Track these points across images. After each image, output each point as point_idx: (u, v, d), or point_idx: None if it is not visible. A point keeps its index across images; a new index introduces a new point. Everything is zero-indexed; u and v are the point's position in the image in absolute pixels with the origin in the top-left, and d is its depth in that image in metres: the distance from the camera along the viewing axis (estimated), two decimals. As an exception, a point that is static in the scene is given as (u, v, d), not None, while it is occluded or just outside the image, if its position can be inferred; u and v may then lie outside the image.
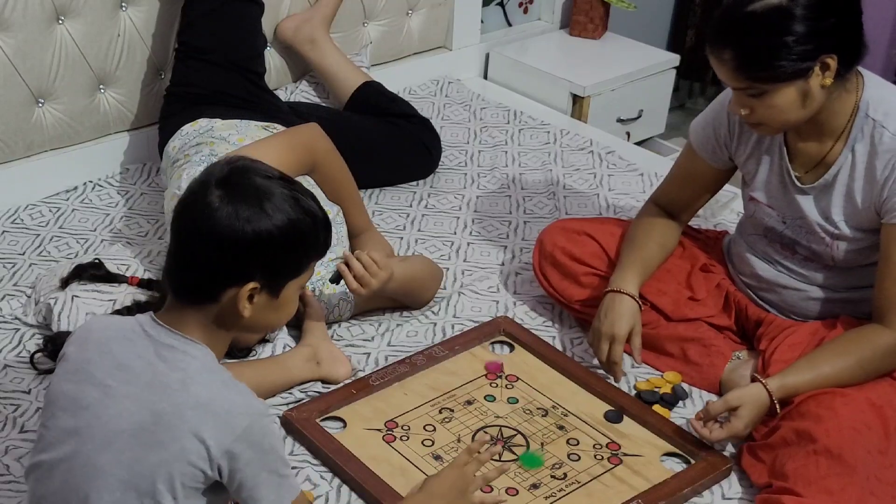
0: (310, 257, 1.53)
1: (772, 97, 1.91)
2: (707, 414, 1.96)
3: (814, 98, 1.92)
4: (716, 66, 1.95)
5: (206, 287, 1.47)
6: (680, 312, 2.24)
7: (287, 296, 1.53)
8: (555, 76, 3.49)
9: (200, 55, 2.67)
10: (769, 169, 2.11)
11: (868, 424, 1.87)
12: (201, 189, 1.47)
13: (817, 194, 2.05)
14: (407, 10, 3.39)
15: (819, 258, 2.11)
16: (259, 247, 1.44)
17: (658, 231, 2.27)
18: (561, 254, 2.32)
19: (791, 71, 1.87)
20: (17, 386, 2.13)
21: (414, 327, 2.35)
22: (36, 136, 2.76)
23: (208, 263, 1.46)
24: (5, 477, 1.91)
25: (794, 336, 2.11)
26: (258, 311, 1.50)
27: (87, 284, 2.26)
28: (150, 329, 1.49)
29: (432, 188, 2.93)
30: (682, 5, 4.23)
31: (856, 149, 1.99)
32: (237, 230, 1.43)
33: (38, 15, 2.64)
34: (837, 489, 1.79)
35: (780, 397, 1.94)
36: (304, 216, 1.49)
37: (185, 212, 1.49)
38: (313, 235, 1.51)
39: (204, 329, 1.50)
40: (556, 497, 1.92)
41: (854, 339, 1.99)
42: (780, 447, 1.89)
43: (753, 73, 1.89)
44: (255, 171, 1.50)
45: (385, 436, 2.04)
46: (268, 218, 1.45)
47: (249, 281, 1.46)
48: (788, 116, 1.94)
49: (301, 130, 2.43)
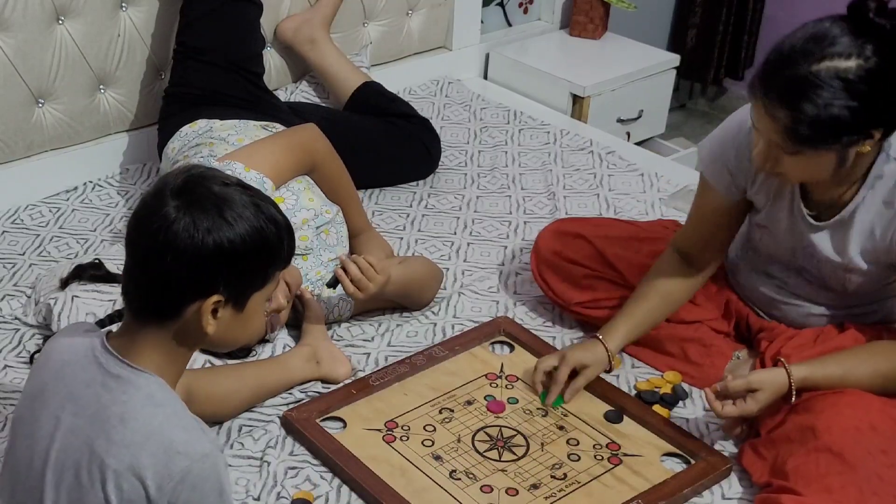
0: (275, 266, 1.46)
1: (808, 159, 1.80)
2: (725, 391, 1.93)
3: (847, 164, 1.83)
4: (759, 115, 1.80)
5: (167, 303, 1.40)
6: (679, 315, 2.24)
7: (252, 309, 1.46)
8: (555, 76, 3.49)
9: (199, 56, 2.67)
10: (779, 205, 2.03)
11: (873, 426, 1.86)
12: (156, 200, 1.39)
13: (833, 231, 1.99)
14: (407, 11, 3.39)
15: (826, 284, 2.08)
16: (222, 258, 1.37)
17: (664, 281, 2.14)
18: (558, 258, 2.32)
19: (840, 142, 1.77)
20: (17, 386, 2.13)
21: (414, 327, 2.35)
22: (36, 136, 2.76)
23: (169, 278, 1.38)
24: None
25: (798, 338, 2.11)
26: (223, 326, 1.43)
27: (87, 284, 2.26)
28: (99, 356, 1.43)
29: (432, 188, 2.93)
30: (683, 5, 4.23)
31: (875, 185, 1.91)
32: (197, 241, 1.36)
33: (38, 15, 2.64)
34: (837, 487, 1.78)
35: (800, 388, 1.92)
36: (266, 223, 1.41)
37: (140, 225, 1.41)
38: (277, 243, 1.44)
39: (160, 350, 1.43)
40: (556, 497, 1.92)
41: (882, 350, 1.97)
42: (781, 444, 1.89)
43: (803, 139, 1.76)
44: (212, 179, 1.42)
45: (385, 436, 2.04)
46: (229, 227, 1.37)
47: (213, 294, 1.39)
48: (815, 178, 1.86)
49: (299, 131, 2.43)
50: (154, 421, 1.37)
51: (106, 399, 1.39)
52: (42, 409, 1.44)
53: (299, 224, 2.27)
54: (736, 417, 1.96)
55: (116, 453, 1.36)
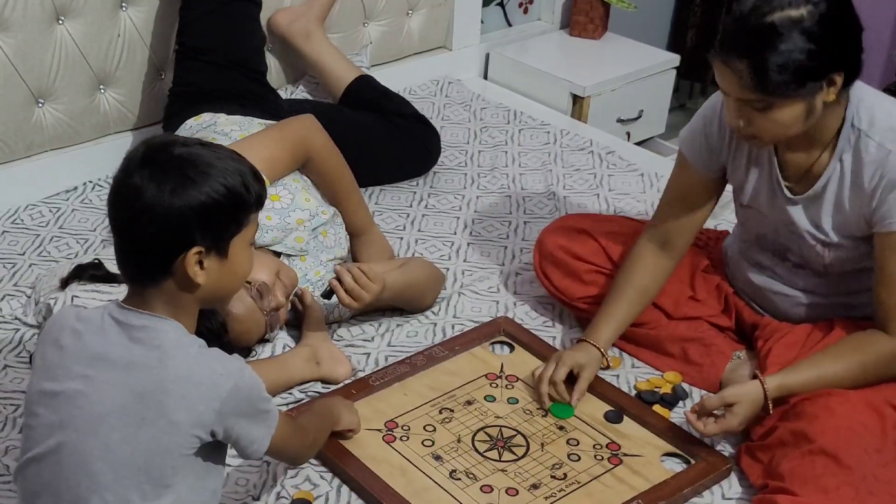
0: (245, 210, 1.53)
1: (778, 112, 1.87)
2: (702, 408, 1.96)
3: (815, 113, 1.89)
4: (723, 75, 1.88)
5: (154, 264, 1.49)
6: (681, 311, 2.24)
7: (236, 253, 1.53)
8: (555, 76, 3.49)
9: (201, 55, 2.67)
10: (759, 178, 2.09)
11: (864, 424, 1.87)
12: (123, 175, 1.49)
13: (807, 204, 2.04)
14: (407, 11, 3.39)
15: (810, 265, 2.11)
16: (191, 212, 1.46)
17: (641, 274, 2.18)
18: (562, 252, 2.32)
19: (804, 87, 1.83)
20: (17, 386, 2.13)
21: (414, 327, 2.35)
22: (36, 136, 2.76)
23: (147, 241, 1.48)
24: (5, 477, 1.91)
25: (789, 336, 2.11)
26: (212, 275, 1.51)
27: (87, 284, 2.26)
28: (118, 315, 1.51)
29: (432, 188, 2.93)
30: (682, 5, 4.23)
31: (843, 159, 1.97)
32: (165, 203, 1.45)
33: (38, 15, 2.64)
34: (833, 488, 1.79)
35: (778, 396, 1.95)
36: (229, 175, 1.49)
37: (114, 200, 1.51)
38: (245, 189, 1.51)
39: (168, 304, 1.51)
40: (556, 497, 1.92)
41: (856, 344, 1.99)
42: (776, 448, 1.89)
43: (768, 88, 1.83)
44: (171, 144, 1.51)
45: (385, 436, 2.04)
46: (193, 184, 1.46)
47: (192, 246, 1.48)
48: (788, 131, 1.91)
49: (294, 122, 2.41)
50: (190, 356, 1.48)
51: (137, 349, 1.48)
52: (65, 376, 1.50)
53: (294, 225, 2.27)
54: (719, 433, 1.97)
55: (166, 389, 1.46)
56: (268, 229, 2.24)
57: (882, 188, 1.93)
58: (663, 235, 2.20)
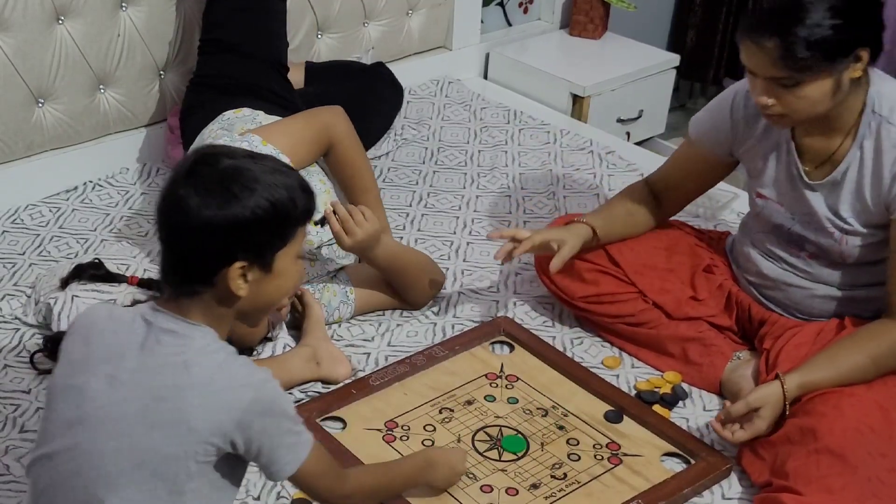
0: (293, 226, 1.52)
1: (806, 88, 1.90)
2: (728, 416, 1.93)
3: (843, 90, 1.92)
4: (752, 53, 1.90)
5: (197, 275, 1.48)
6: (682, 311, 2.24)
7: (281, 267, 1.52)
8: (555, 76, 3.49)
9: (234, 49, 2.66)
10: (776, 165, 2.11)
11: (871, 426, 1.86)
12: (171, 185, 1.48)
13: (827, 191, 2.05)
14: (407, 10, 3.39)
15: (827, 255, 2.10)
16: (234, 228, 1.45)
17: (631, 204, 2.33)
18: None
19: (833, 62, 1.87)
20: (17, 386, 2.13)
21: (414, 327, 2.35)
22: (36, 136, 2.76)
23: (191, 254, 1.47)
24: (5, 477, 1.92)
25: (799, 336, 2.10)
26: (255, 288, 1.50)
27: (87, 284, 2.26)
28: (150, 317, 1.50)
29: (432, 188, 2.93)
30: (682, 5, 4.23)
31: (864, 145, 1.99)
32: (209, 218, 1.44)
33: (38, 15, 2.64)
34: (838, 488, 1.78)
35: (799, 395, 1.93)
36: (275, 190, 1.47)
37: (161, 209, 1.50)
38: (291, 204, 1.49)
39: (204, 312, 1.51)
40: (556, 497, 1.92)
41: (868, 335, 1.98)
42: (781, 445, 1.89)
43: (798, 63, 1.86)
44: (218, 156, 1.50)
45: (385, 436, 2.04)
46: (236, 200, 1.44)
47: (235, 261, 1.46)
48: (817, 108, 1.93)
49: (322, 110, 2.44)
50: (213, 364, 1.47)
51: (163, 352, 1.47)
52: (88, 372, 1.49)
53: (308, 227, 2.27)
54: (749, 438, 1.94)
55: (186, 396, 1.45)
56: None
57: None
58: (655, 188, 2.35)
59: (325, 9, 3.17)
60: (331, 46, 3.23)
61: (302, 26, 3.14)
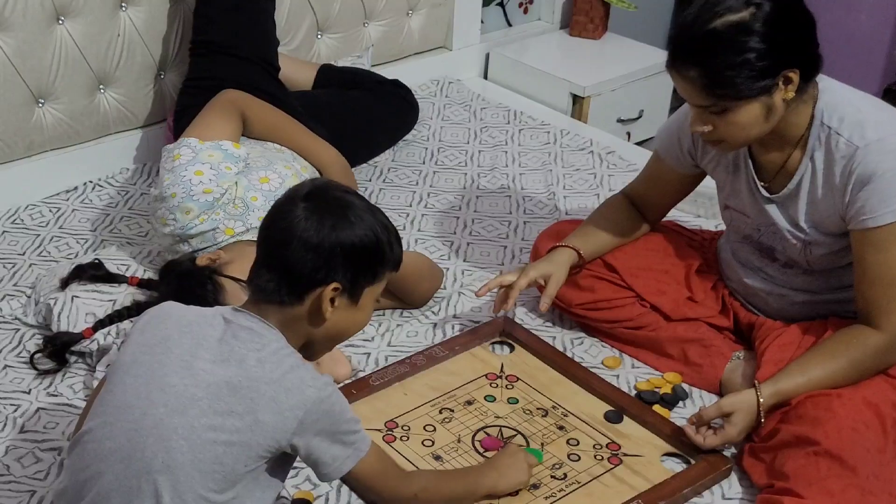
0: (385, 266, 1.64)
1: (735, 114, 1.90)
2: (700, 419, 1.96)
3: (776, 112, 1.91)
4: (679, 84, 1.93)
5: (292, 287, 1.57)
6: (680, 312, 2.24)
7: (365, 303, 1.64)
8: (555, 76, 3.49)
9: (226, 51, 2.67)
10: (736, 178, 2.11)
11: (866, 423, 1.87)
12: (288, 204, 1.59)
13: (783, 203, 2.05)
14: (407, 10, 3.40)
15: (796, 263, 2.11)
16: (343, 250, 1.56)
17: (613, 213, 2.33)
18: None
19: (756, 87, 1.86)
20: (17, 386, 2.13)
21: (414, 327, 2.35)
22: (36, 136, 2.76)
23: (296, 266, 1.56)
24: (5, 477, 1.91)
25: (784, 336, 2.11)
26: (338, 315, 1.61)
27: (87, 285, 2.26)
28: (229, 315, 1.59)
29: (432, 188, 2.93)
30: (682, 5, 4.23)
31: (814, 157, 1.98)
32: (323, 234, 1.55)
33: (38, 15, 2.64)
34: (838, 490, 1.79)
35: (774, 403, 1.95)
36: (381, 227, 1.61)
37: (273, 223, 1.60)
38: (389, 246, 1.62)
39: (284, 324, 1.59)
40: (556, 497, 1.92)
41: (843, 340, 1.99)
42: (779, 448, 1.89)
43: (719, 91, 1.87)
44: (335, 187, 1.64)
45: (385, 436, 2.04)
46: (351, 225, 1.57)
47: (333, 282, 1.57)
48: (750, 133, 1.93)
49: (219, 94, 2.50)
50: (285, 364, 1.55)
51: (239, 347, 1.55)
52: (165, 353, 1.55)
53: None
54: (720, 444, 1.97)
55: (258, 389, 1.51)
56: (254, 209, 2.27)
57: (853, 185, 1.93)
58: (632, 200, 2.36)
59: (325, 9, 3.17)
60: (331, 47, 3.23)
61: (302, 26, 3.14)
